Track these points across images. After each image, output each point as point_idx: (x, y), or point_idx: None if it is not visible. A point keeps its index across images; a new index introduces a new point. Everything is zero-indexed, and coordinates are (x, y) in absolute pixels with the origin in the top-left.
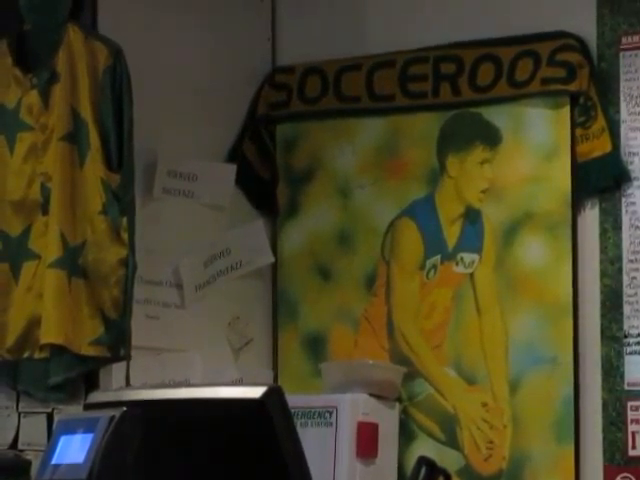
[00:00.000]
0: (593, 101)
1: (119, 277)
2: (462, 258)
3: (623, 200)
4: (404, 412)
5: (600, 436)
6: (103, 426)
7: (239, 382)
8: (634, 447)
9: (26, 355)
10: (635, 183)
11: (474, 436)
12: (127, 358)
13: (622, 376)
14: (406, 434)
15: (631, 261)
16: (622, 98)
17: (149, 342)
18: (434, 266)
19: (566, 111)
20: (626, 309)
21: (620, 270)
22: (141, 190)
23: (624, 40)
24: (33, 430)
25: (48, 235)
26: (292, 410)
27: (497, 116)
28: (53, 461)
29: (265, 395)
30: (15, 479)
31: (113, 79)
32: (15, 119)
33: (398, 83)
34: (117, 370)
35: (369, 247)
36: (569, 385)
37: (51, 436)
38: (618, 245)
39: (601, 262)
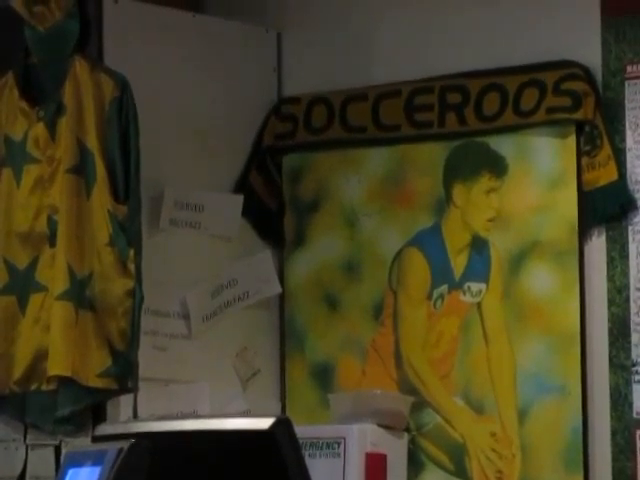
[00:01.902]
0: (599, 130)
1: (126, 308)
2: (469, 287)
3: (630, 228)
4: (412, 442)
5: (609, 465)
6: (111, 459)
7: (247, 413)
8: None
9: (34, 387)
10: None
11: (483, 466)
12: (135, 390)
13: (631, 405)
14: (415, 464)
15: (638, 289)
16: (628, 126)
17: (156, 373)
18: (441, 295)
19: (572, 140)
20: (634, 337)
21: (627, 298)
22: (148, 221)
23: (629, 69)
24: (41, 462)
25: (55, 267)
26: (300, 441)
27: (503, 145)
28: None
29: (273, 426)
30: None
31: (119, 111)
32: (22, 151)
33: (404, 113)
34: (125, 401)
35: (376, 277)
36: (578, 414)
37: (59, 469)
38: (625, 273)
39: (608, 290)
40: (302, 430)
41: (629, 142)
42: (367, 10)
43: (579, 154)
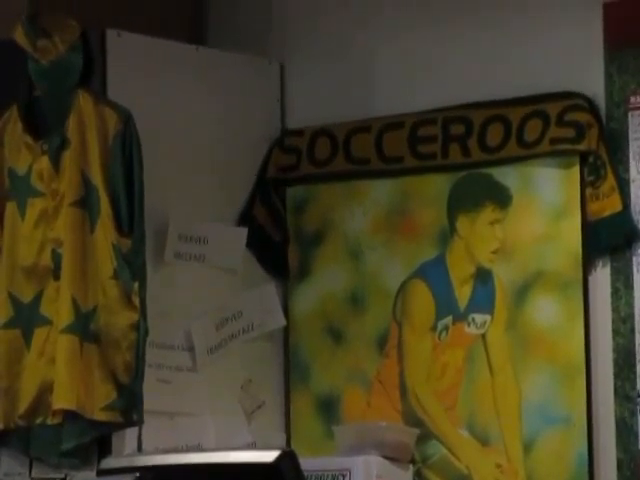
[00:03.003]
0: (602, 160)
1: (131, 342)
2: (474, 319)
3: (634, 259)
4: (418, 474)
5: None
6: None
7: (252, 446)
8: None
9: (39, 421)
10: None
11: None
12: (139, 423)
13: (636, 435)
14: None
15: None
16: (631, 157)
17: (161, 406)
18: (446, 327)
19: (576, 170)
20: (639, 368)
21: (632, 329)
22: (152, 254)
23: (632, 99)
24: None
25: (60, 300)
26: (305, 473)
27: (507, 176)
28: None
29: (278, 459)
30: None
31: (123, 144)
32: (26, 185)
33: (407, 144)
34: (130, 434)
35: (380, 308)
36: (583, 445)
37: None
38: (630, 304)
39: (613, 321)
40: (307, 462)
41: (633, 173)
42: (370, 42)
43: (583, 185)
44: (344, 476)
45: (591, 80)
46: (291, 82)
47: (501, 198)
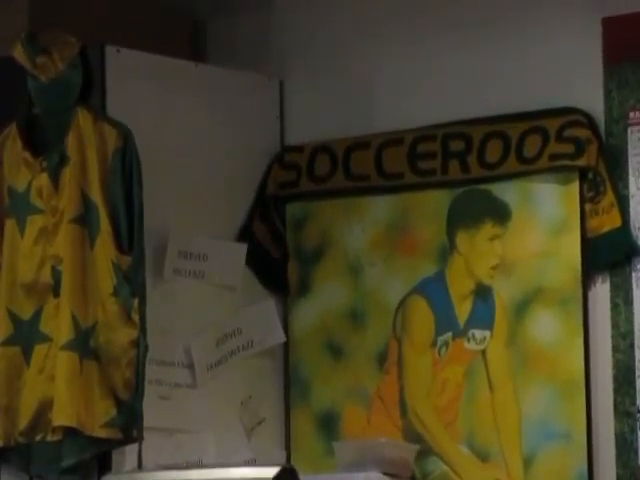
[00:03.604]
0: (602, 176)
1: (130, 358)
2: (473, 334)
3: (634, 275)
4: None
5: None
6: None
7: (252, 462)
8: None
9: (39, 438)
10: None
11: None
12: (139, 439)
13: (636, 451)
14: None
15: None
16: (631, 173)
17: (161, 423)
18: (445, 343)
19: (575, 186)
20: (639, 384)
21: (632, 345)
22: (152, 271)
23: (631, 115)
24: None
25: (59, 317)
26: None
27: (506, 192)
28: None
29: (279, 475)
30: None
31: (122, 161)
32: (25, 202)
33: (407, 161)
34: (130, 451)
35: (380, 325)
36: (583, 461)
37: None
38: (629, 320)
39: (613, 337)
40: (307, 479)
41: (632, 188)
42: (369, 58)
43: (582, 201)
44: None
45: (590, 96)
46: (290, 98)
47: (501, 214)
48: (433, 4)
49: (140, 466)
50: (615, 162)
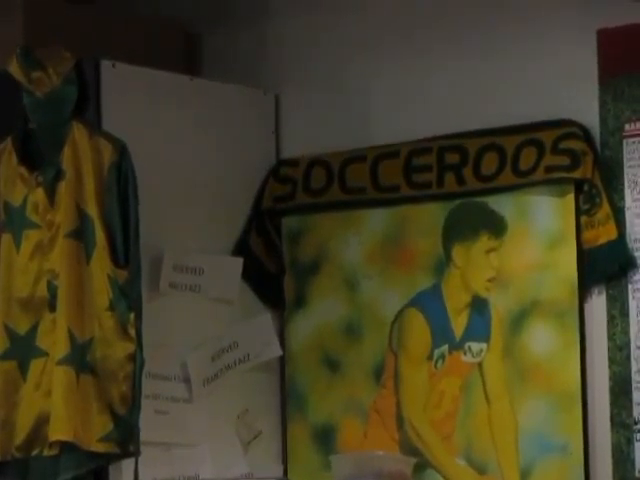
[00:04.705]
0: (597, 188)
1: (127, 373)
2: (470, 347)
3: (630, 287)
4: None
5: None
6: None
7: (249, 476)
8: None
9: (35, 453)
10: None
11: None
12: (136, 454)
13: (633, 463)
14: None
15: (639, 347)
16: (626, 185)
17: (158, 437)
18: (442, 356)
19: (571, 199)
20: (635, 396)
21: (628, 356)
22: (148, 285)
23: (627, 127)
24: None
25: (56, 332)
26: None
27: (502, 205)
28: None
29: None
30: None
31: (118, 175)
32: (21, 217)
33: (403, 174)
34: (126, 466)
35: (377, 338)
36: (580, 473)
37: None
38: (626, 332)
39: (609, 349)
40: None
41: (628, 201)
42: (364, 71)
43: (578, 213)
44: None
45: (585, 108)
46: (286, 112)
47: (496, 227)
48: (428, 19)
49: None
50: (611, 174)
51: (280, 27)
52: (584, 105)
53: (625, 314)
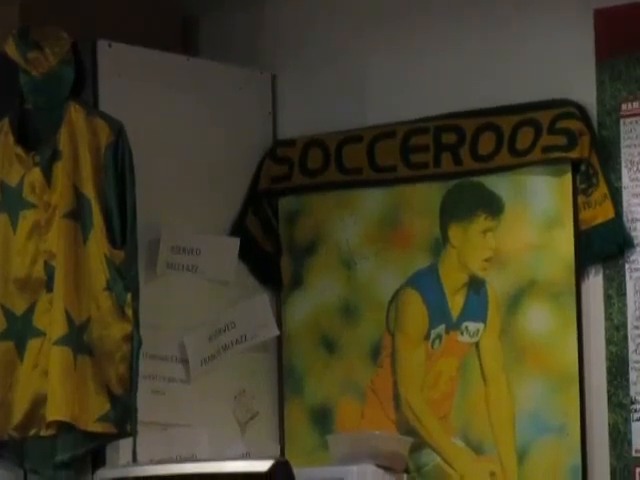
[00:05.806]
0: (594, 168)
1: (124, 353)
2: (467, 327)
3: (627, 266)
4: None
5: None
6: None
7: (246, 456)
8: None
9: (32, 433)
10: (638, 249)
11: None
12: (134, 434)
13: (630, 443)
14: None
15: (636, 327)
16: (623, 165)
17: (155, 417)
18: (439, 336)
19: (568, 179)
20: (632, 375)
21: (625, 337)
22: (145, 265)
23: (624, 107)
24: None
25: (53, 312)
26: None
27: (499, 185)
28: None
29: (272, 469)
30: None
31: (115, 156)
32: (18, 197)
33: (399, 154)
34: (124, 446)
35: (374, 318)
36: (577, 453)
37: None
38: (623, 311)
39: (606, 329)
40: (301, 472)
41: (625, 180)
42: (361, 52)
43: (575, 193)
44: None
45: (583, 88)
46: (283, 93)
47: (493, 207)
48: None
49: (134, 460)
50: (608, 154)
51: (277, 8)
52: (581, 85)
53: (622, 294)
